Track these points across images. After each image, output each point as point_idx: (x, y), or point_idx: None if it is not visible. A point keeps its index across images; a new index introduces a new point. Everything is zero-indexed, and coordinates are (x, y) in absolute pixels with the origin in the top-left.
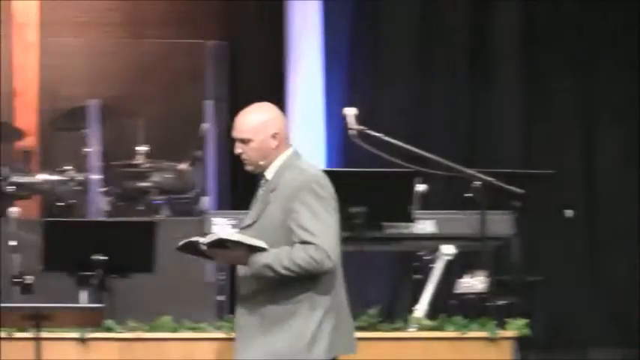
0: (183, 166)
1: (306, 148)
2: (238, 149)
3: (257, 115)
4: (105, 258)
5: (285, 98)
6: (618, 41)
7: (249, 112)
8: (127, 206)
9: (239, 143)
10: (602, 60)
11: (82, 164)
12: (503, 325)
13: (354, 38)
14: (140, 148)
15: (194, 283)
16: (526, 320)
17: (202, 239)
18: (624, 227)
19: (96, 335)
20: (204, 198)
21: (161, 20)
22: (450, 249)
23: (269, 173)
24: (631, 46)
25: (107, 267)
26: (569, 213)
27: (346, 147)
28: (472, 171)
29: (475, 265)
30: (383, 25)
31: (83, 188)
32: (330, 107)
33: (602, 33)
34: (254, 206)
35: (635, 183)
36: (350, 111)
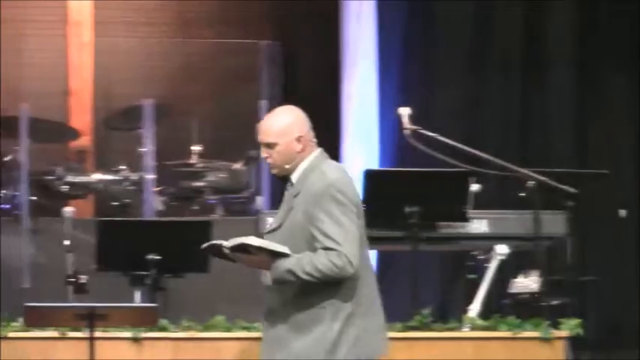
0: (237, 166)
1: (360, 149)
2: (264, 154)
3: (281, 119)
4: (159, 258)
5: (339, 98)
6: None
7: (273, 116)
8: (182, 206)
9: (264, 148)
10: None
11: (137, 164)
12: (556, 325)
13: (408, 39)
14: (194, 148)
15: (248, 283)
16: (579, 320)
17: (226, 243)
18: None
19: (150, 335)
20: (258, 197)
21: (215, 20)
22: (504, 249)
23: (294, 177)
24: None
25: (161, 267)
26: (622, 213)
27: (400, 147)
28: (526, 170)
29: (529, 265)
30: (436, 26)
31: (137, 188)
32: (384, 107)
33: None
34: (279, 211)
35: None
36: (404, 111)
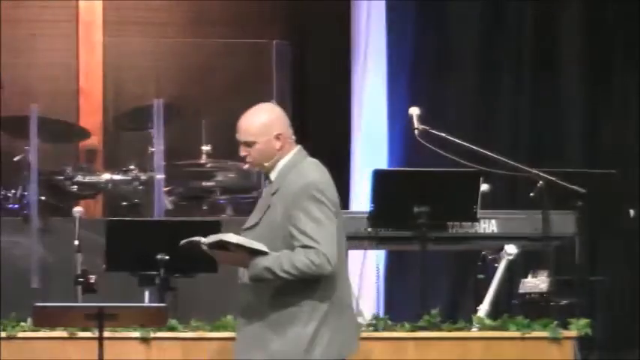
0: (247, 166)
1: (369, 148)
2: (243, 152)
3: (259, 117)
4: (168, 257)
5: (349, 98)
6: None
7: (251, 115)
8: (191, 206)
9: (243, 146)
10: None
11: (146, 164)
12: (565, 325)
13: (418, 38)
14: (204, 148)
15: None
16: (588, 320)
17: (204, 239)
18: None
19: (159, 335)
20: None
21: (225, 19)
22: (513, 249)
23: (273, 174)
24: None
25: (170, 266)
26: (632, 213)
27: (409, 146)
28: (535, 170)
29: (537, 265)
30: (446, 26)
31: (147, 188)
32: (394, 107)
33: None
34: (257, 208)
35: None
36: (414, 110)
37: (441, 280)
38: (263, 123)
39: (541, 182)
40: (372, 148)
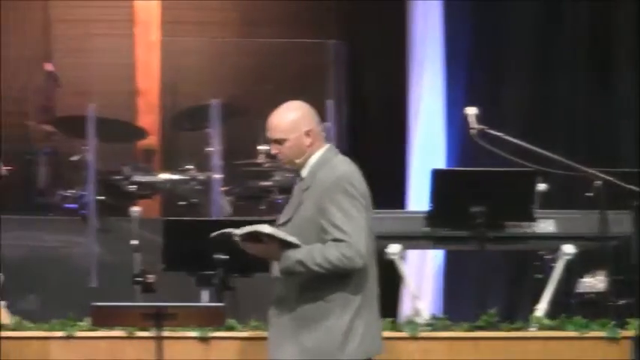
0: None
1: (426, 148)
2: (274, 150)
3: (289, 114)
4: (226, 257)
5: (406, 98)
6: None
7: (281, 112)
8: (249, 205)
9: (274, 144)
10: None
11: (204, 163)
12: (622, 325)
13: (475, 38)
14: (261, 148)
15: None
16: None
17: (237, 231)
18: None
19: (217, 334)
20: None
21: (281, 19)
22: (571, 248)
23: (304, 171)
24: None
25: (229, 266)
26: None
27: (466, 146)
28: (592, 170)
29: (595, 265)
30: (503, 26)
31: (205, 187)
32: (451, 107)
33: None
34: (288, 205)
35: None
36: (471, 110)
37: (499, 280)
38: (293, 120)
39: (598, 182)
40: (429, 148)
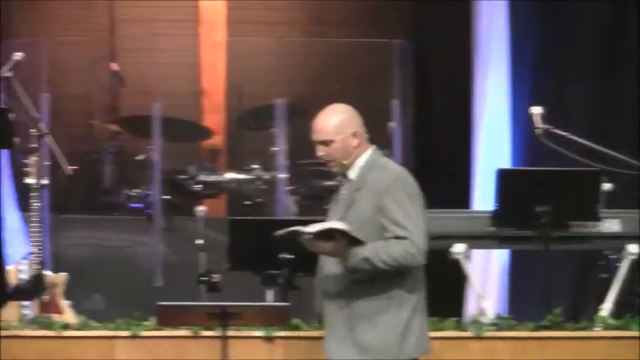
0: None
1: (492, 148)
2: (321, 152)
3: (336, 116)
4: (292, 257)
5: (470, 97)
6: None
7: (326, 114)
8: (314, 205)
9: (321, 145)
10: None
11: (269, 163)
12: None
13: (540, 38)
14: None
15: None
16: None
17: (307, 229)
18: None
19: (282, 334)
20: None
21: (347, 19)
22: (635, 248)
23: (352, 173)
24: None
25: (294, 266)
26: None
27: (532, 146)
28: None
29: None
30: (569, 25)
31: (270, 187)
32: (516, 106)
33: None
34: (336, 206)
35: None
36: (536, 110)
37: (564, 280)
38: (339, 121)
39: None
40: (495, 148)
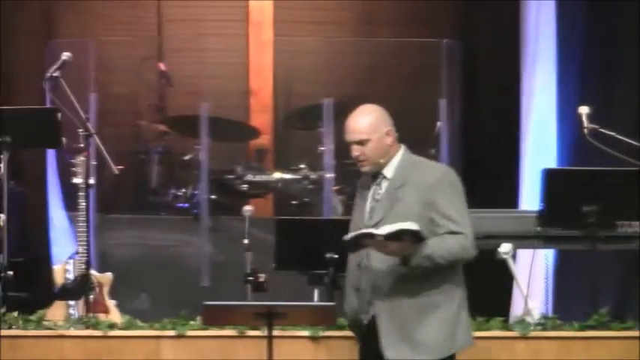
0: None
1: (539, 148)
2: (356, 152)
3: (370, 116)
4: (338, 256)
5: (518, 97)
6: None
7: (360, 114)
8: None
9: (356, 145)
10: None
11: (316, 163)
12: None
13: (588, 38)
14: None
15: None
16: None
17: (379, 231)
18: None
19: (328, 334)
20: None
21: (394, 19)
22: None
23: (389, 171)
24: None
25: (340, 265)
26: None
27: (578, 146)
28: None
29: None
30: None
31: (316, 187)
32: (563, 106)
33: None
34: (377, 204)
35: None
36: (584, 109)
37: (610, 280)
38: (374, 120)
39: None
40: (542, 148)
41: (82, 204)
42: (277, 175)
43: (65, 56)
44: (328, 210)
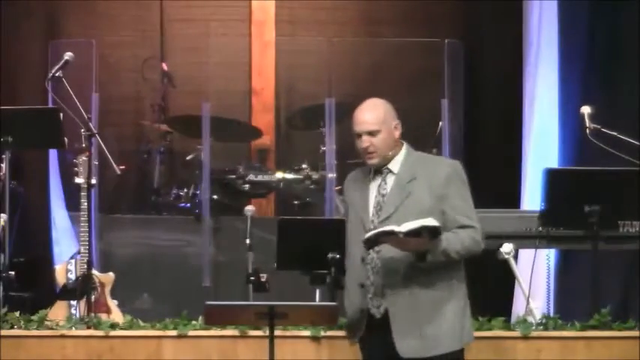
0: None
1: (541, 148)
2: (365, 143)
3: (380, 108)
4: (339, 256)
5: (520, 97)
6: None
7: (370, 106)
8: None
9: (366, 137)
10: None
11: (318, 163)
12: None
13: (591, 38)
14: None
15: None
16: None
17: (400, 228)
18: None
19: (330, 333)
20: None
21: (396, 19)
22: None
23: (395, 165)
24: None
25: (342, 265)
26: None
27: (580, 145)
28: None
29: None
30: (619, 25)
31: (319, 187)
32: (565, 106)
33: None
34: (385, 199)
35: None
36: (586, 109)
37: (612, 280)
38: (384, 112)
39: None
40: (544, 147)
41: (84, 204)
42: (279, 175)
43: (68, 56)
44: (330, 210)
